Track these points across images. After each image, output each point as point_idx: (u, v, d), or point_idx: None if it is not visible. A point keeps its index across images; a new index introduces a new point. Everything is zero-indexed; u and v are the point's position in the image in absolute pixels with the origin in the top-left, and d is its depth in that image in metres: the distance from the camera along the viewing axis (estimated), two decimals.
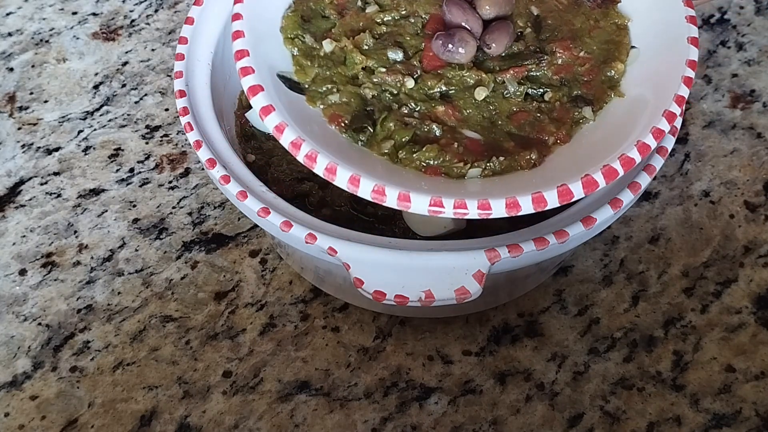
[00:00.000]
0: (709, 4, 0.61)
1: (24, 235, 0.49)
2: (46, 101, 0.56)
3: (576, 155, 0.36)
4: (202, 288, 0.47)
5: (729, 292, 0.47)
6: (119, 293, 0.47)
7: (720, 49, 0.58)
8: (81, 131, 0.54)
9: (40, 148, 0.53)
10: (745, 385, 0.44)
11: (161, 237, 0.49)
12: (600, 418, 0.43)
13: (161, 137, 0.54)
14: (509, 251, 0.35)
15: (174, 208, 0.50)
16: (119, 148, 0.53)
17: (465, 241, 0.37)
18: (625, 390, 0.44)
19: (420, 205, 0.33)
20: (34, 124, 0.54)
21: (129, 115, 0.55)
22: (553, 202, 0.33)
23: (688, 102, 0.54)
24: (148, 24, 0.60)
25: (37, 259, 0.48)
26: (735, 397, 0.43)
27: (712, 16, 0.60)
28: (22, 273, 0.48)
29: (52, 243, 0.49)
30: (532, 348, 0.45)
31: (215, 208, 0.50)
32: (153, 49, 0.58)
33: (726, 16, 0.60)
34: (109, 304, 0.46)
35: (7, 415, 0.43)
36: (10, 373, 0.44)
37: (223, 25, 0.44)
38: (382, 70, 0.38)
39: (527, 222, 0.37)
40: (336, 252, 0.36)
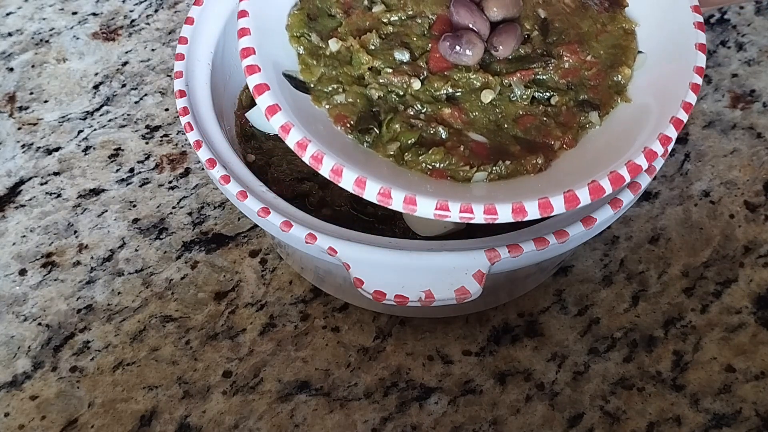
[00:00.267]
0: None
1: (24, 235, 0.49)
2: (46, 101, 0.56)
3: (582, 160, 0.36)
4: (202, 288, 0.47)
5: (729, 292, 0.47)
6: (119, 293, 0.47)
7: (720, 49, 0.58)
8: (81, 131, 0.54)
9: (40, 148, 0.53)
10: (745, 385, 0.44)
11: (161, 237, 0.49)
12: (600, 418, 0.43)
13: (161, 137, 0.54)
14: (509, 251, 0.35)
15: (174, 208, 0.50)
16: (119, 148, 0.53)
17: (465, 241, 0.37)
18: (625, 390, 0.44)
19: (426, 208, 0.32)
20: (34, 124, 0.54)
21: (129, 115, 0.55)
22: (559, 208, 0.33)
23: None
24: (148, 24, 0.60)
25: (37, 259, 0.48)
26: (735, 397, 0.43)
27: (712, 16, 0.60)
28: (22, 273, 0.48)
29: (52, 243, 0.49)
30: (532, 348, 0.45)
31: (215, 208, 0.50)
32: (153, 49, 0.58)
33: (726, 16, 0.60)
34: (109, 304, 0.46)
35: (7, 415, 0.43)
36: (10, 373, 0.44)
37: (223, 25, 0.44)
38: (389, 70, 0.38)
39: (527, 222, 0.37)
40: (336, 252, 0.36)
